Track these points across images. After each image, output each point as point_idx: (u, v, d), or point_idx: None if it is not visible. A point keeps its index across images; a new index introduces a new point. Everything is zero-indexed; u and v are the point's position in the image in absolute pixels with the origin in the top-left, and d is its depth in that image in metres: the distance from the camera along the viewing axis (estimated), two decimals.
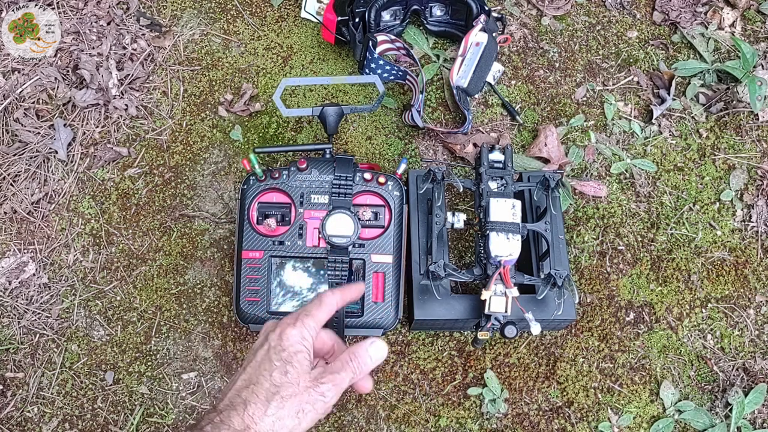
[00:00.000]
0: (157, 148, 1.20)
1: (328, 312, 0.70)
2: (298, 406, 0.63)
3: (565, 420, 1.06)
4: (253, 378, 0.64)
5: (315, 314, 0.69)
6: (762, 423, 1.07)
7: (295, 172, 1.02)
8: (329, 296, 0.71)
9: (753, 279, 1.14)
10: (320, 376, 0.65)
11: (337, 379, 0.65)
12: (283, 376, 0.63)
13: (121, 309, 1.11)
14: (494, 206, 0.96)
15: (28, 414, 1.07)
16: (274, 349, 0.65)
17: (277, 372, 0.64)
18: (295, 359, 0.64)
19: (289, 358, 0.64)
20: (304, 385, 0.63)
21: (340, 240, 0.99)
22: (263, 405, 0.62)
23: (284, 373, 0.63)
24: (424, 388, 1.08)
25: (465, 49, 1.18)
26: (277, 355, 0.65)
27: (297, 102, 1.23)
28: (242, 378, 0.65)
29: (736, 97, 1.23)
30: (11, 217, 1.16)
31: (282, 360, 0.64)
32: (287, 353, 0.65)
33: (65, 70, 1.23)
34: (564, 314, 1.00)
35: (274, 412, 0.62)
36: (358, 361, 0.67)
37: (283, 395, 0.62)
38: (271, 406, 0.62)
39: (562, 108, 1.24)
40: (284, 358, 0.64)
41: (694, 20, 1.30)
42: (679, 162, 1.21)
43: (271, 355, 0.65)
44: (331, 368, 0.66)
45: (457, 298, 1.02)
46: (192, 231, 1.15)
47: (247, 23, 1.29)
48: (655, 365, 1.09)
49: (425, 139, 1.21)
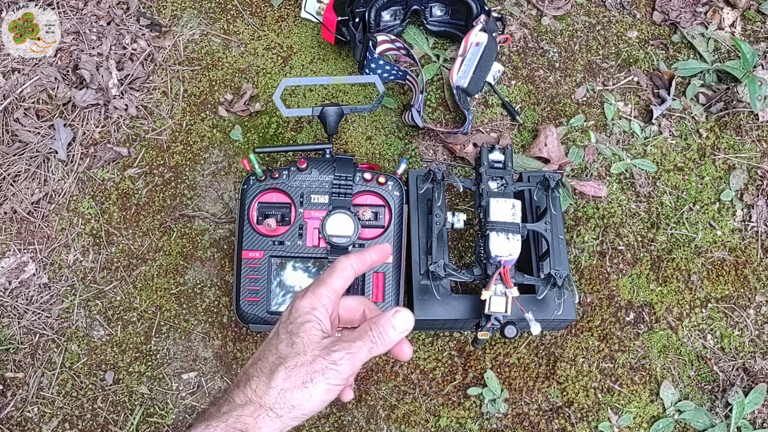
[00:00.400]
0: (157, 148, 1.20)
1: (343, 278, 0.65)
2: (305, 375, 0.57)
3: (565, 420, 1.06)
4: (260, 355, 0.61)
5: (328, 282, 0.64)
6: (762, 423, 1.07)
7: (295, 172, 1.02)
8: (343, 260, 0.65)
9: (753, 279, 1.14)
10: (332, 345, 0.59)
11: (352, 347, 0.59)
12: (288, 347, 0.59)
13: (121, 309, 1.11)
14: (494, 206, 0.96)
15: (28, 414, 1.07)
16: (282, 324, 0.62)
17: (283, 344, 0.60)
18: (303, 329, 0.60)
19: (295, 329, 0.60)
20: (312, 354, 0.58)
21: (340, 240, 0.99)
22: (267, 378, 0.58)
23: (290, 345, 0.59)
24: (424, 388, 1.08)
25: (465, 49, 1.18)
26: (284, 328, 0.61)
27: (297, 102, 1.23)
28: (251, 359, 0.62)
29: (736, 97, 1.23)
30: (11, 217, 1.16)
31: (288, 332, 0.60)
32: (294, 325, 0.60)
33: (65, 70, 1.23)
34: (564, 314, 1.00)
35: (279, 383, 0.57)
36: (378, 331, 0.60)
37: (287, 365, 0.58)
38: (275, 377, 0.58)
39: (562, 108, 1.24)
40: (290, 330, 0.60)
41: (694, 20, 1.30)
42: (679, 162, 1.21)
43: (279, 329, 0.62)
44: (346, 337, 0.60)
45: (457, 298, 1.02)
46: (192, 231, 1.15)
47: (247, 23, 1.29)
48: (655, 365, 1.09)
49: (425, 139, 1.21)
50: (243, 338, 1.09)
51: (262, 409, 0.57)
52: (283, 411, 0.58)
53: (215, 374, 1.08)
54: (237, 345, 1.09)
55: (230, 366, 1.08)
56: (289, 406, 0.58)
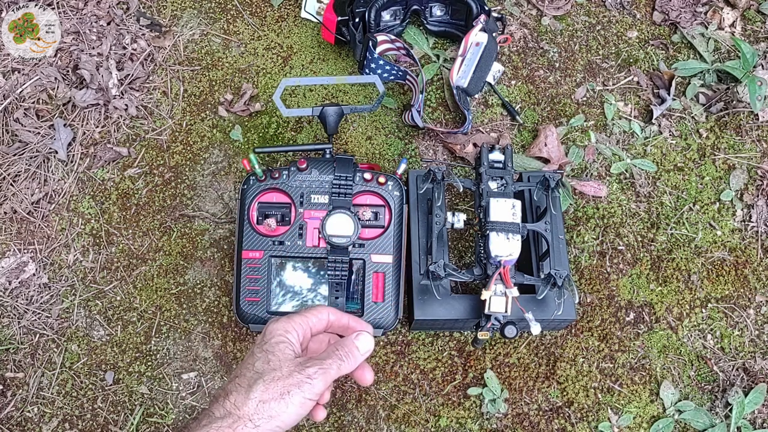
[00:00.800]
0: (157, 148, 1.20)
1: (318, 318, 0.71)
2: (282, 388, 0.62)
3: (565, 420, 1.06)
4: (237, 372, 0.66)
5: (304, 314, 0.70)
6: (762, 423, 1.07)
7: (295, 172, 1.02)
8: (324, 307, 0.73)
9: (753, 279, 1.14)
10: (305, 362, 0.65)
11: (323, 363, 0.65)
12: (264, 364, 0.64)
13: (121, 309, 1.11)
14: (494, 206, 0.96)
15: (28, 414, 1.07)
16: (257, 345, 0.67)
17: (259, 362, 0.65)
18: (277, 349, 0.65)
19: (270, 348, 0.66)
20: (287, 369, 0.64)
21: (340, 240, 0.99)
22: (246, 391, 0.62)
23: (266, 362, 0.64)
24: (424, 388, 1.08)
25: (465, 49, 1.18)
26: (259, 348, 0.66)
27: (297, 102, 1.23)
28: (230, 377, 0.66)
29: (736, 97, 1.23)
30: (11, 217, 1.16)
31: (263, 351, 0.66)
32: (269, 344, 0.66)
33: (65, 70, 1.23)
34: (564, 314, 1.00)
35: (257, 395, 0.62)
36: (344, 350, 0.67)
37: (265, 379, 0.63)
38: (253, 390, 0.62)
39: (562, 108, 1.24)
40: (266, 349, 0.66)
41: (694, 20, 1.30)
42: (679, 162, 1.21)
43: (254, 350, 0.67)
44: (317, 356, 0.67)
45: (457, 298, 1.02)
46: (192, 231, 1.15)
47: (247, 23, 1.29)
48: (655, 365, 1.09)
49: (425, 139, 1.21)
50: (243, 338, 1.09)
51: (240, 421, 0.62)
52: (261, 421, 0.62)
53: (215, 374, 1.08)
54: (237, 345, 1.09)
55: (230, 366, 1.08)
56: (267, 416, 0.62)
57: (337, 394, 1.07)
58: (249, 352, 0.67)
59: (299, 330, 0.68)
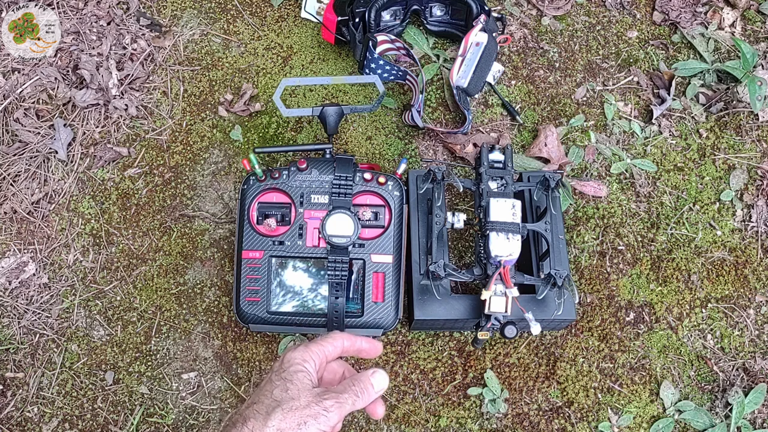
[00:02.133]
0: (157, 148, 1.20)
1: (334, 346, 0.72)
2: (300, 419, 0.63)
3: (565, 420, 1.06)
4: (255, 399, 0.66)
5: (320, 342, 0.71)
6: (762, 423, 1.07)
7: (295, 172, 1.02)
8: (338, 334, 0.73)
9: (753, 279, 1.14)
10: (323, 393, 0.66)
11: (340, 397, 0.66)
12: (283, 392, 0.65)
13: (121, 309, 1.11)
14: (494, 206, 0.96)
15: (28, 414, 1.07)
16: (275, 372, 0.68)
17: (277, 389, 0.65)
18: (296, 378, 0.66)
19: (288, 376, 0.66)
20: (306, 400, 0.64)
21: (340, 240, 0.99)
22: (264, 418, 0.63)
23: (285, 390, 0.65)
24: (424, 388, 1.08)
25: (465, 49, 1.18)
26: (277, 375, 0.67)
27: (297, 102, 1.23)
28: (246, 402, 0.67)
29: (736, 97, 1.23)
30: (11, 217, 1.16)
31: (282, 379, 0.66)
32: (287, 372, 0.67)
33: (65, 70, 1.23)
34: (564, 314, 1.00)
35: (275, 423, 0.62)
36: (360, 386, 0.68)
37: (284, 408, 0.63)
38: (271, 418, 0.62)
39: (562, 108, 1.24)
40: (284, 377, 0.66)
41: (694, 20, 1.30)
42: (679, 162, 1.21)
43: (272, 377, 0.67)
44: (334, 389, 0.67)
45: (457, 298, 1.02)
46: (192, 231, 1.15)
47: (247, 23, 1.29)
48: (655, 365, 1.09)
49: (425, 139, 1.21)
50: (243, 338, 1.09)
51: None
52: None
53: (215, 374, 1.08)
54: (237, 345, 1.09)
55: (230, 366, 1.08)
56: None
57: None
58: (266, 379, 0.68)
59: (316, 359, 0.69)
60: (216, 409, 1.07)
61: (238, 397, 1.07)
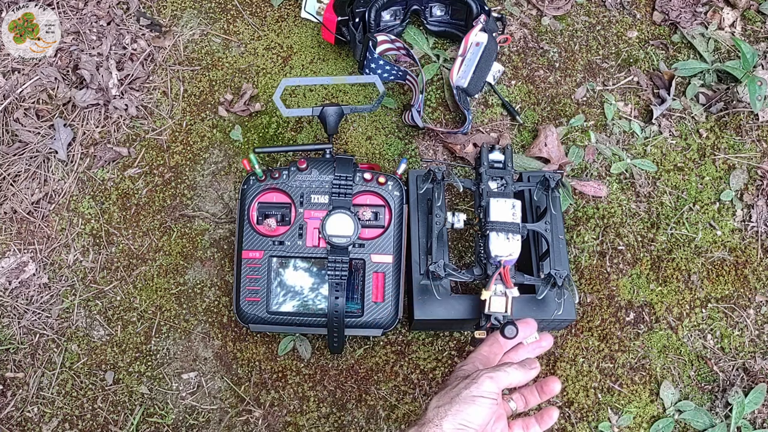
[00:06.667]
0: (157, 148, 1.20)
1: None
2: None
3: (565, 420, 1.06)
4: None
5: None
6: (762, 423, 1.07)
7: (295, 172, 1.02)
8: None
9: (753, 279, 1.14)
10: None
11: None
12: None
13: (121, 309, 1.11)
14: (494, 206, 0.96)
15: (28, 414, 1.07)
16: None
17: None
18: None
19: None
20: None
21: (340, 240, 0.99)
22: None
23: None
24: (424, 388, 1.08)
25: (465, 49, 1.18)
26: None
27: (297, 102, 1.23)
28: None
29: (736, 97, 1.23)
30: (11, 217, 1.16)
31: None
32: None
33: (65, 70, 1.23)
34: (564, 314, 1.00)
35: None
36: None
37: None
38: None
39: (562, 108, 1.24)
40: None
41: (694, 20, 1.30)
42: (679, 162, 1.21)
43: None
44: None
45: (457, 298, 1.02)
46: (192, 231, 1.15)
47: (247, 23, 1.29)
48: (655, 365, 1.09)
49: (425, 139, 1.21)
50: (243, 338, 1.09)
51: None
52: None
53: (215, 374, 1.08)
54: (237, 345, 1.09)
55: (230, 366, 1.08)
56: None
57: (337, 393, 1.07)
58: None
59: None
60: (216, 409, 1.07)
61: (238, 397, 1.07)
